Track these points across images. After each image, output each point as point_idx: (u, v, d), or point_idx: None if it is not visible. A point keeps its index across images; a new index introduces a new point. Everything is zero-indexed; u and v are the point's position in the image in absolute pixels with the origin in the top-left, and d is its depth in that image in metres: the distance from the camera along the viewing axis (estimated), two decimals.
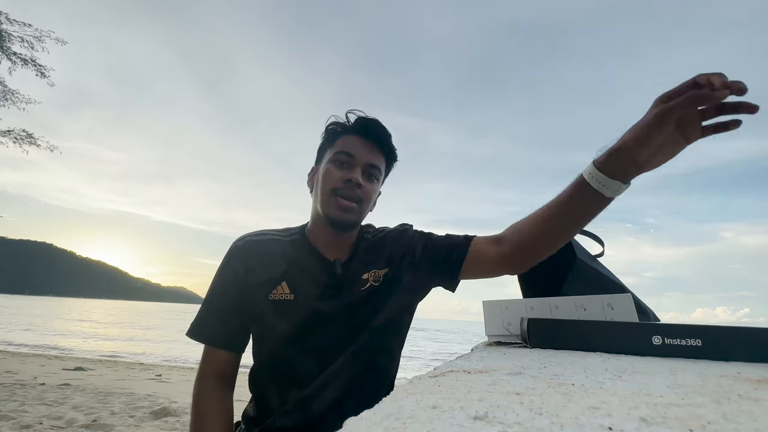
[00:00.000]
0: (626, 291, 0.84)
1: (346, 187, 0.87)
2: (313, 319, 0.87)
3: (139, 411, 3.50)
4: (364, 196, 0.90)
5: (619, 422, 0.21)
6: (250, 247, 0.93)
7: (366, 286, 0.91)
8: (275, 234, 0.97)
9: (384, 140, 0.94)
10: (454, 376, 0.37)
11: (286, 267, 0.91)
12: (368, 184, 0.91)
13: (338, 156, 0.90)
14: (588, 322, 0.59)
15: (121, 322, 28.57)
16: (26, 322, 21.83)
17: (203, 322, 0.91)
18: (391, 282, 0.94)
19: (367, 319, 0.90)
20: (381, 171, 0.95)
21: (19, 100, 9.83)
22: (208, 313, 0.92)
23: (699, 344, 0.50)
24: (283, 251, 0.93)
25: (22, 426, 2.84)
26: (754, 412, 0.24)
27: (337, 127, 0.94)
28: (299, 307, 0.88)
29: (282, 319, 0.87)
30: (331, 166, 0.90)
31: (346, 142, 0.91)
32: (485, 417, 0.22)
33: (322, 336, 0.88)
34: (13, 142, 9.79)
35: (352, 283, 0.91)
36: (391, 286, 0.93)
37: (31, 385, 4.45)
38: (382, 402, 0.27)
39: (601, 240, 0.96)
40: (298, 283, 0.90)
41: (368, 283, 0.92)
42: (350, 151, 0.89)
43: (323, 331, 0.88)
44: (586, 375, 0.36)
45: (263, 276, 0.90)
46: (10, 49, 9.23)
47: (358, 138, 0.92)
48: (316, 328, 0.88)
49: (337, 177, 0.88)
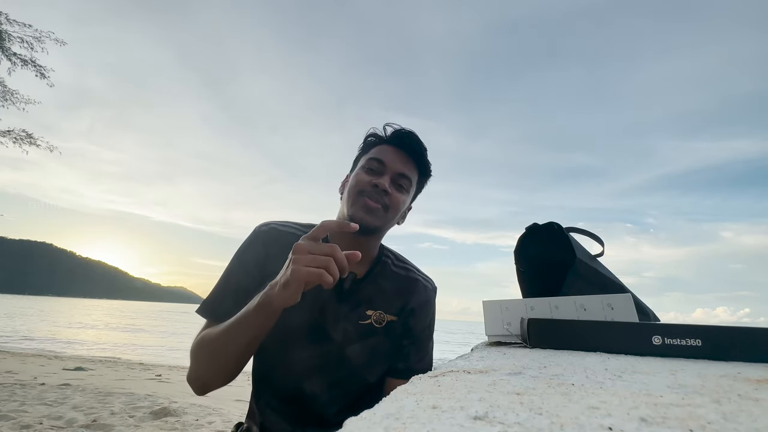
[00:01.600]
0: (626, 291, 0.84)
1: (373, 190, 0.87)
2: (307, 329, 0.86)
3: (139, 411, 3.49)
4: (391, 203, 0.89)
5: (619, 422, 0.21)
6: (274, 235, 0.91)
7: (366, 321, 0.89)
8: (298, 228, 0.94)
9: (418, 152, 0.94)
10: (454, 376, 0.37)
11: None
12: (396, 192, 0.90)
13: (369, 162, 0.91)
14: (588, 322, 0.58)
15: (121, 322, 28.56)
16: (26, 322, 21.81)
17: (218, 300, 0.87)
18: (391, 331, 0.91)
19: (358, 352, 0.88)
20: (411, 183, 0.94)
21: (18, 101, 9.84)
22: (224, 292, 0.87)
23: (699, 344, 0.50)
24: None
25: (22, 426, 2.84)
26: (754, 412, 0.24)
27: (374, 138, 0.96)
28: (299, 312, 0.85)
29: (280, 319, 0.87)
30: (361, 172, 0.91)
31: (379, 150, 0.93)
32: (485, 417, 0.22)
33: (309, 350, 0.86)
34: (13, 142, 9.80)
35: (354, 308, 0.89)
36: (388, 335, 0.91)
37: (31, 385, 4.45)
38: (382, 402, 0.27)
39: (601, 240, 0.96)
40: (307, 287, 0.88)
41: (369, 320, 0.90)
42: (381, 158, 0.90)
43: (312, 345, 0.86)
44: (586, 375, 0.36)
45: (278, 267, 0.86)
46: (10, 50, 9.24)
47: (392, 147, 0.93)
48: (307, 339, 0.86)
49: (365, 181, 0.89)
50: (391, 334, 0.91)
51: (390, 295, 0.93)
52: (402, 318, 0.93)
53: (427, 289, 0.98)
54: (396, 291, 0.94)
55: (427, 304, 0.97)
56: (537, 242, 0.97)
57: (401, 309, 0.93)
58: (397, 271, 0.96)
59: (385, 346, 0.91)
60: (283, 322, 0.86)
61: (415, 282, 0.97)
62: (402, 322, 0.93)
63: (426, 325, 0.97)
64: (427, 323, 0.97)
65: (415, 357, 0.94)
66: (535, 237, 0.97)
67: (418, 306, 0.95)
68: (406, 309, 0.93)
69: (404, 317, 0.93)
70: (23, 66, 9.48)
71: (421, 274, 1.00)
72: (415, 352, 0.94)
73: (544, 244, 0.96)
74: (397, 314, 0.92)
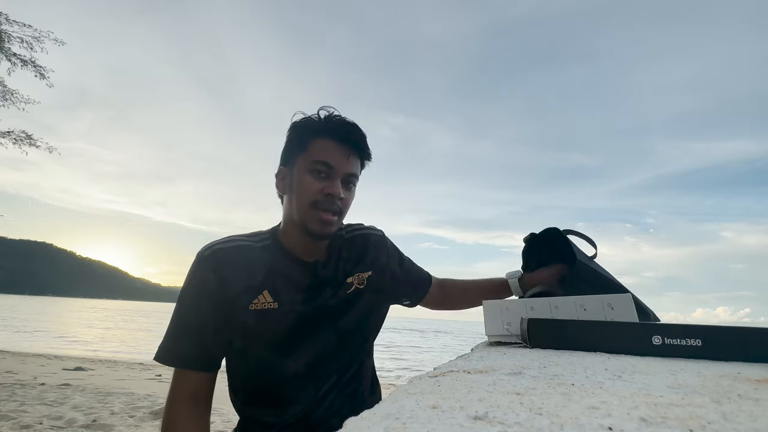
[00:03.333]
0: (626, 291, 0.84)
1: (326, 200, 0.83)
2: (300, 324, 0.85)
3: (139, 411, 3.50)
4: (344, 207, 0.88)
5: (619, 422, 0.21)
6: (220, 256, 0.85)
7: (351, 289, 0.93)
8: (245, 240, 0.90)
9: (362, 145, 0.88)
10: (454, 376, 0.37)
11: (265, 274, 0.85)
12: (347, 193, 0.88)
13: (316, 166, 0.83)
14: (588, 322, 0.58)
15: (120, 322, 28.56)
16: (26, 322, 21.81)
17: (173, 343, 0.83)
18: (373, 285, 0.96)
19: (355, 321, 0.91)
20: (358, 177, 0.91)
21: (18, 101, 9.83)
22: (178, 333, 0.83)
23: (699, 344, 0.50)
24: (257, 258, 0.87)
25: (22, 426, 2.84)
26: (754, 412, 0.24)
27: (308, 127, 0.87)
28: (285, 314, 0.84)
29: (267, 329, 0.84)
30: (309, 177, 0.84)
31: (322, 148, 0.84)
32: (485, 417, 0.22)
33: (311, 340, 0.86)
34: (13, 143, 9.79)
35: (336, 285, 0.91)
36: (374, 289, 0.96)
37: (31, 385, 4.45)
38: (382, 402, 0.27)
39: (594, 242, 0.97)
40: (281, 289, 0.85)
41: (353, 286, 0.93)
42: (329, 161, 0.83)
43: (311, 335, 0.86)
44: (586, 375, 0.36)
45: (240, 285, 0.83)
46: (9, 50, 9.23)
47: (335, 144, 0.85)
48: (303, 333, 0.86)
49: (316, 189, 0.83)
50: (377, 287, 0.97)
51: (355, 257, 0.97)
52: (375, 269, 0.99)
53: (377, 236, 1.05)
54: (358, 252, 0.98)
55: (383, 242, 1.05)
56: (538, 249, 1.00)
57: (371, 262, 0.99)
58: (350, 237, 1.00)
59: (379, 299, 0.98)
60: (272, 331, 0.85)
61: (367, 237, 1.02)
62: (377, 271, 0.99)
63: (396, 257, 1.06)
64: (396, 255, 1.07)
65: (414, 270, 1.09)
66: (535, 245, 1.00)
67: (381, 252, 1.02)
68: (375, 260, 1.00)
69: (377, 267, 0.99)
70: (23, 66, 9.48)
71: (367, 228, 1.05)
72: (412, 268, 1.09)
73: (544, 250, 0.98)
74: (370, 268, 0.98)
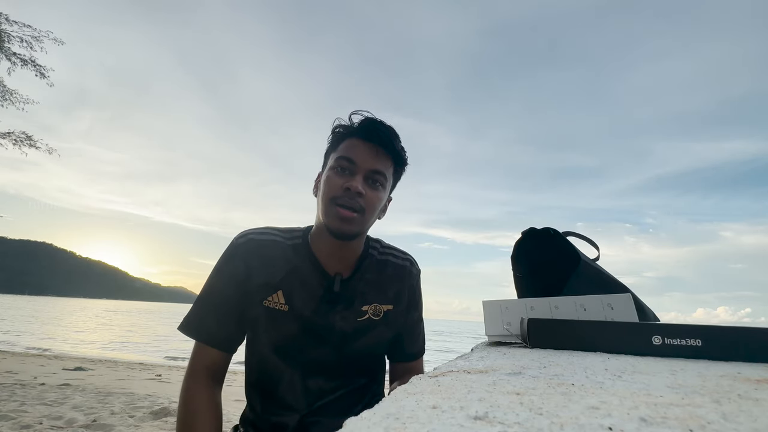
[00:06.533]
0: (626, 291, 0.84)
1: (345, 195, 0.82)
2: (303, 335, 0.86)
3: (139, 411, 3.49)
4: (367, 205, 0.83)
5: (619, 422, 0.21)
6: (252, 245, 0.89)
7: (364, 318, 0.90)
8: (278, 235, 0.92)
9: (389, 143, 0.86)
10: (454, 376, 0.37)
11: (285, 274, 0.87)
12: (371, 191, 0.84)
13: (339, 162, 0.84)
14: (588, 322, 0.58)
15: (120, 322, 28.55)
16: (26, 322, 21.80)
17: (199, 319, 0.87)
18: (389, 320, 0.93)
19: (360, 348, 0.90)
20: (386, 177, 0.87)
21: (18, 101, 9.83)
22: (205, 310, 0.87)
23: (699, 344, 0.50)
24: (284, 255, 0.89)
25: (22, 426, 2.83)
26: (754, 412, 0.24)
27: (341, 130, 0.88)
28: (292, 320, 0.86)
29: (273, 329, 0.86)
30: (332, 173, 0.84)
31: (348, 146, 0.85)
32: (485, 417, 0.22)
33: (310, 354, 0.87)
34: (13, 144, 9.80)
35: (349, 308, 0.89)
36: (388, 324, 0.93)
37: (31, 385, 4.45)
38: (382, 402, 0.27)
39: (596, 244, 0.97)
40: (295, 295, 0.87)
41: (367, 314, 0.90)
42: (351, 157, 0.83)
43: (311, 349, 0.87)
44: (586, 375, 0.36)
45: (262, 279, 0.87)
46: (9, 50, 9.23)
47: (362, 142, 0.85)
48: (304, 344, 0.86)
49: (336, 185, 0.82)
50: (391, 323, 0.93)
51: (381, 286, 0.93)
52: (397, 305, 0.94)
53: (410, 270, 0.99)
54: (386, 280, 0.94)
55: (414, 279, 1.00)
56: (536, 246, 0.97)
57: (394, 297, 0.94)
58: (384, 260, 0.96)
59: (387, 335, 0.94)
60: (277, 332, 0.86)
61: (401, 268, 0.97)
62: (398, 308, 0.95)
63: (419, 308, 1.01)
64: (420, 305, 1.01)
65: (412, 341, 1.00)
66: (533, 241, 0.97)
67: (408, 288, 0.97)
68: (399, 295, 0.95)
69: (399, 304, 0.95)
70: (23, 66, 9.48)
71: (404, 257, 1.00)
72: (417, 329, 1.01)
73: (543, 248, 0.96)
74: (392, 302, 0.93)
